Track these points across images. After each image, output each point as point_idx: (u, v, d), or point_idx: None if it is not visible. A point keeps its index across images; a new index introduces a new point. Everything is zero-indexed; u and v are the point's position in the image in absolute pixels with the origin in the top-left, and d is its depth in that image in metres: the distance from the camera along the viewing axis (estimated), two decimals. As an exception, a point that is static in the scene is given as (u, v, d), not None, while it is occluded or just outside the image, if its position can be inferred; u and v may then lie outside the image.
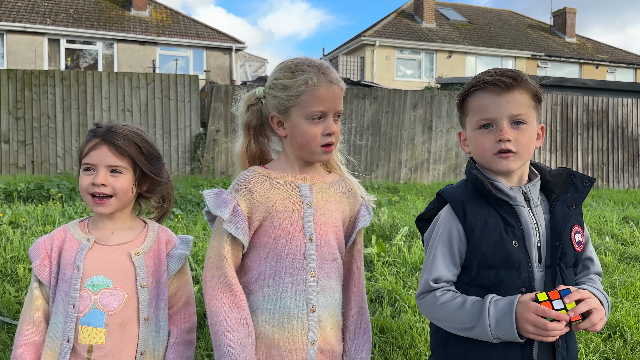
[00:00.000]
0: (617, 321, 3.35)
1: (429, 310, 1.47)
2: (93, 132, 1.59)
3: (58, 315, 1.51)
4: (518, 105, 1.41)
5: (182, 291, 1.65)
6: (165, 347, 1.60)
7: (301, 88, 1.44)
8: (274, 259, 1.47)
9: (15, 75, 9.80)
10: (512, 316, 1.30)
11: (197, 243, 4.64)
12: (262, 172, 1.52)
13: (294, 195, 1.50)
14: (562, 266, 1.43)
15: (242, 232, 1.44)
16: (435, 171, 11.78)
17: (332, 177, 1.60)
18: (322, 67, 1.47)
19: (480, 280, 1.42)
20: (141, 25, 19.86)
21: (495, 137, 1.42)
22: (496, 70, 1.45)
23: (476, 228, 1.42)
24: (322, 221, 1.51)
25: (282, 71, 1.49)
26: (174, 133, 10.55)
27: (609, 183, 12.30)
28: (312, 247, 1.48)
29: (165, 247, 1.63)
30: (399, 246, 4.87)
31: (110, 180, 1.55)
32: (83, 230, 1.59)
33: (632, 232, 6.02)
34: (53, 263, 1.54)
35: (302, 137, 1.47)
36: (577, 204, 1.46)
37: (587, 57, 25.73)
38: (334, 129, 1.47)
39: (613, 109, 12.40)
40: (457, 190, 1.50)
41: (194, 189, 7.85)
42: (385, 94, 11.59)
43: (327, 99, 1.44)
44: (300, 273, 1.46)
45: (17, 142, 9.77)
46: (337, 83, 1.48)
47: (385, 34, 23.00)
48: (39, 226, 5.12)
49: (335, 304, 1.53)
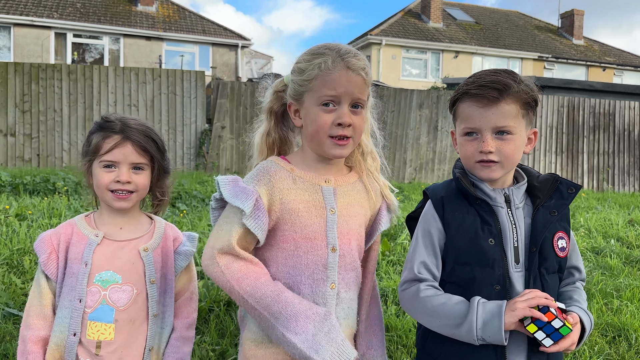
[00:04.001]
0: (622, 324, 3.34)
1: (410, 303, 1.47)
2: (109, 128, 1.55)
3: (64, 310, 1.51)
4: (503, 117, 1.40)
5: (187, 287, 1.67)
6: (167, 342, 1.61)
7: (314, 72, 1.34)
8: (292, 267, 1.37)
9: (22, 68, 9.83)
10: (501, 318, 1.32)
11: (202, 239, 4.64)
12: (285, 166, 1.41)
13: (317, 200, 1.39)
14: (542, 271, 1.43)
15: (261, 228, 1.33)
16: (440, 171, 11.76)
17: (354, 177, 1.50)
18: (343, 51, 1.35)
19: (455, 276, 1.44)
20: (148, 21, 19.87)
21: (478, 146, 1.43)
22: (484, 79, 1.43)
23: (453, 224, 1.45)
24: (346, 229, 1.42)
25: (304, 55, 1.41)
26: (179, 129, 10.56)
27: (615, 186, 12.25)
28: (334, 257, 1.38)
29: (173, 244, 1.64)
30: (404, 245, 4.87)
31: (133, 177, 1.55)
32: (90, 225, 1.58)
33: (637, 235, 6.00)
34: (60, 258, 1.53)
35: (312, 125, 1.36)
36: (559, 210, 1.46)
37: (594, 59, 25.61)
38: (347, 119, 1.34)
39: (619, 112, 12.34)
40: (440, 187, 1.54)
41: (199, 185, 7.87)
42: (391, 93, 11.57)
43: (339, 84, 1.33)
44: (320, 285, 1.37)
45: (23, 135, 9.80)
46: (357, 70, 1.34)
47: (392, 33, 22.95)
48: (44, 219, 5.13)
49: (352, 314, 1.47)
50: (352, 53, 1.36)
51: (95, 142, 1.55)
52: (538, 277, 1.42)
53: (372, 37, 22.55)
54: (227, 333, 2.99)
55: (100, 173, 1.54)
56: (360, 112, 1.39)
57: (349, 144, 1.39)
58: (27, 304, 1.55)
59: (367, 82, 1.38)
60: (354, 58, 1.35)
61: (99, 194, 1.57)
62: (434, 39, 23.43)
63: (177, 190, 6.94)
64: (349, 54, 1.35)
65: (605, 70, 25.49)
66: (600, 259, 5.01)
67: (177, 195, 6.75)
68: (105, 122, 1.58)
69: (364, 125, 1.43)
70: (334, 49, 1.36)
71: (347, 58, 1.34)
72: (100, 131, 1.56)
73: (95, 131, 1.57)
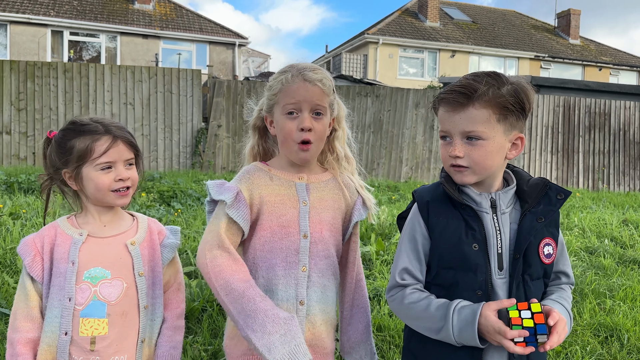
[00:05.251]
0: (614, 324, 3.36)
1: (397, 309, 1.51)
2: (93, 131, 1.56)
3: (53, 310, 1.51)
4: (471, 122, 1.39)
5: (174, 278, 1.71)
6: (158, 333, 1.65)
7: (278, 86, 1.55)
8: (269, 251, 1.53)
9: (17, 66, 9.80)
10: (474, 327, 1.32)
11: (196, 238, 4.64)
12: (263, 168, 1.61)
13: (291, 193, 1.57)
14: (526, 278, 1.43)
15: (243, 217, 1.50)
16: (436, 170, 11.77)
17: (327, 176, 1.66)
18: (302, 68, 1.55)
19: (440, 279, 1.46)
20: (145, 19, 19.83)
21: (450, 151, 1.43)
22: (457, 84, 1.43)
23: (437, 228, 1.46)
24: (317, 219, 1.57)
25: (273, 75, 1.61)
26: (175, 127, 10.55)
27: (610, 185, 12.29)
28: (306, 243, 1.54)
29: (157, 237, 1.67)
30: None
31: (128, 173, 1.59)
32: (73, 225, 1.60)
33: (631, 235, 6.02)
34: (45, 259, 1.54)
35: (281, 132, 1.55)
36: (546, 217, 1.44)
37: (591, 59, 25.67)
38: (307, 124, 1.51)
39: (615, 112, 12.38)
40: (426, 190, 1.54)
41: (194, 184, 7.86)
42: (388, 92, 11.58)
43: (298, 94, 1.51)
44: (293, 267, 1.53)
45: (18, 134, 9.78)
46: (314, 82, 1.52)
47: (389, 32, 22.96)
48: (39, 218, 5.12)
49: (328, 301, 1.59)
50: (310, 68, 1.56)
51: (83, 147, 1.54)
52: (521, 283, 1.42)
53: (369, 36, 22.55)
54: (220, 333, 2.99)
55: (98, 176, 1.55)
56: (321, 119, 1.55)
57: (311, 149, 1.55)
58: (13, 307, 1.55)
59: (324, 91, 1.55)
60: (311, 72, 1.54)
61: (99, 196, 1.57)
62: (430, 38, 23.44)
63: (172, 189, 6.93)
64: (306, 69, 1.55)
65: (602, 70, 25.55)
66: (594, 258, 5.03)
67: (172, 194, 6.74)
68: (83, 126, 1.57)
69: (325, 130, 1.59)
70: (295, 67, 1.56)
71: (304, 72, 1.53)
72: (82, 135, 1.56)
73: (75, 137, 1.56)
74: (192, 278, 3.77)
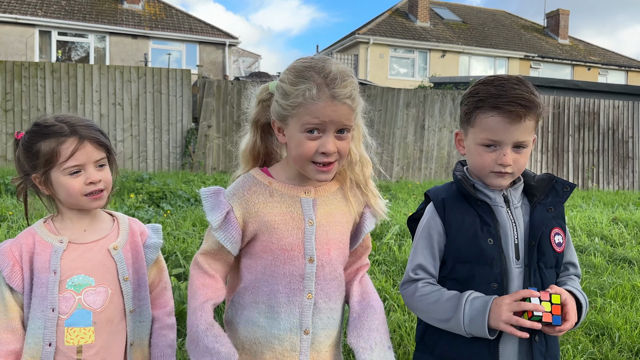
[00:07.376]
0: (605, 322, 3.36)
1: (409, 301, 1.56)
2: (58, 132, 1.46)
3: (36, 321, 1.46)
4: (524, 133, 1.45)
5: (159, 277, 1.68)
6: (149, 334, 1.61)
7: (298, 99, 1.28)
8: (270, 276, 1.38)
9: (4, 66, 9.69)
10: (484, 317, 1.39)
11: (186, 239, 4.60)
12: (263, 180, 1.41)
13: (295, 211, 1.38)
14: (541, 265, 1.50)
15: (230, 240, 1.37)
16: (427, 170, 11.79)
17: (335, 185, 1.47)
18: (330, 77, 1.27)
19: (455, 274, 1.52)
20: (134, 19, 19.69)
21: (496, 158, 1.47)
22: (512, 93, 1.42)
23: (453, 224, 1.52)
24: (325, 239, 1.40)
25: (289, 73, 1.33)
26: (165, 128, 10.47)
27: (599, 184, 12.37)
28: (312, 268, 1.38)
29: (140, 238, 1.62)
30: (390, 245, 4.86)
31: (99, 175, 1.50)
32: (51, 231, 1.52)
33: (621, 234, 6.05)
34: (25, 269, 1.47)
35: (296, 150, 1.32)
36: (556, 207, 1.54)
37: (580, 58, 25.86)
38: (331, 148, 1.30)
39: (604, 111, 12.47)
40: (441, 189, 1.61)
41: (184, 185, 7.79)
42: (379, 92, 11.58)
43: (324, 114, 1.27)
44: (297, 295, 1.37)
45: (5, 135, 9.66)
46: (343, 100, 1.27)
47: (380, 32, 22.97)
48: (25, 220, 5.05)
49: (334, 324, 1.45)
50: (339, 79, 1.28)
51: (48, 151, 1.46)
52: (537, 271, 1.49)
53: (359, 36, 22.56)
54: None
55: (67, 181, 1.47)
56: (346, 137, 1.34)
57: (332, 169, 1.36)
58: None
59: (353, 108, 1.32)
60: (339, 86, 1.27)
61: (72, 201, 1.50)
62: (421, 38, 23.49)
63: (162, 189, 6.87)
64: (334, 81, 1.27)
65: (590, 69, 25.73)
66: (585, 257, 5.04)
67: (161, 195, 6.67)
68: (47, 128, 1.48)
69: (349, 146, 1.38)
70: (320, 72, 1.28)
71: (333, 88, 1.27)
72: (47, 138, 1.46)
73: (40, 140, 1.47)
74: (182, 280, 3.73)
